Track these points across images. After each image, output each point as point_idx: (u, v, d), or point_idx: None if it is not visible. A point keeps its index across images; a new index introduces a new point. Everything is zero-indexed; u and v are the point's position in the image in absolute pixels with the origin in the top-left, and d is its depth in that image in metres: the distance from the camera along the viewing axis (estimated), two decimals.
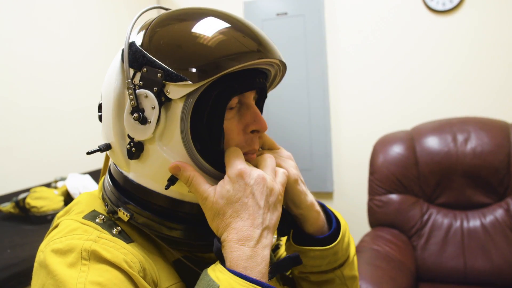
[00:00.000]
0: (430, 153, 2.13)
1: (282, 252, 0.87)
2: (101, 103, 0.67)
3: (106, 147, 0.65)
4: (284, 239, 0.87)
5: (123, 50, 0.62)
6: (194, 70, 0.57)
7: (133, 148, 0.61)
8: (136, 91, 0.59)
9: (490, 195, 2.04)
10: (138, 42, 0.61)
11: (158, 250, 0.64)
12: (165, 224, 0.62)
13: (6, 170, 1.94)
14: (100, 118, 0.68)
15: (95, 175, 2.12)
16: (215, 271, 0.54)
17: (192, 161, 0.60)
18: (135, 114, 0.59)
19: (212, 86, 0.59)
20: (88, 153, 0.66)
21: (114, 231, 0.61)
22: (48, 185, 1.99)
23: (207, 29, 0.60)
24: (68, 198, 1.83)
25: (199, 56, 0.58)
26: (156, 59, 0.58)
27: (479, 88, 2.39)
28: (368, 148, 2.39)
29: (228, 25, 0.61)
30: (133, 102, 0.59)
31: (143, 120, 0.59)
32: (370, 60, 2.63)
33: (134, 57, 0.60)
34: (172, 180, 0.60)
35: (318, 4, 2.66)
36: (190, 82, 0.56)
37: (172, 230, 0.62)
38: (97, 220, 0.62)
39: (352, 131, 2.74)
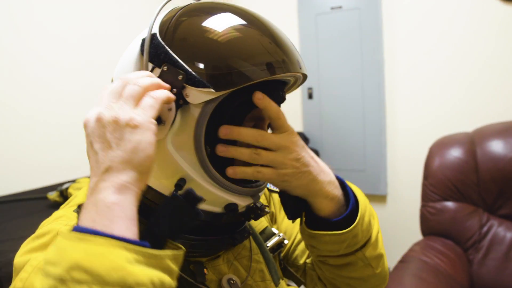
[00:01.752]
0: (493, 158, 1.92)
1: (289, 247, 0.83)
2: None
3: None
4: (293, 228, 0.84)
5: (143, 41, 0.59)
6: (218, 77, 0.55)
7: None
8: None
9: None
10: (161, 35, 0.58)
11: None
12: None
13: (58, 162, 2.07)
14: None
15: None
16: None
17: (201, 167, 0.59)
18: None
19: (233, 95, 0.58)
20: None
21: None
22: None
23: (234, 32, 0.58)
24: None
25: (226, 62, 0.56)
26: (179, 58, 0.56)
27: None
28: (426, 149, 2.21)
29: (255, 28, 0.60)
30: None
31: (157, 120, 0.56)
32: (430, 56, 2.43)
33: (156, 52, 0.57)
34: (180, 186, 0.58)
35: None
36: (212, 90, 0.55)
37: None
38: None
39: (409, 131, 2.56)
